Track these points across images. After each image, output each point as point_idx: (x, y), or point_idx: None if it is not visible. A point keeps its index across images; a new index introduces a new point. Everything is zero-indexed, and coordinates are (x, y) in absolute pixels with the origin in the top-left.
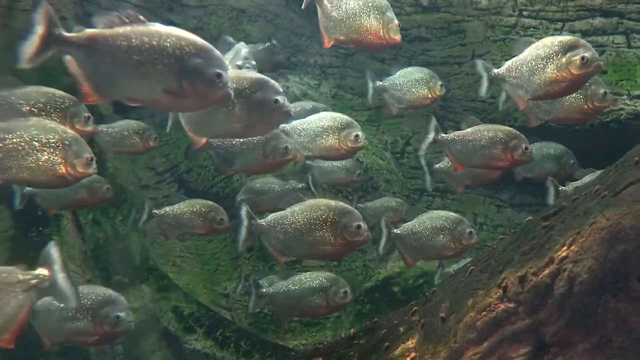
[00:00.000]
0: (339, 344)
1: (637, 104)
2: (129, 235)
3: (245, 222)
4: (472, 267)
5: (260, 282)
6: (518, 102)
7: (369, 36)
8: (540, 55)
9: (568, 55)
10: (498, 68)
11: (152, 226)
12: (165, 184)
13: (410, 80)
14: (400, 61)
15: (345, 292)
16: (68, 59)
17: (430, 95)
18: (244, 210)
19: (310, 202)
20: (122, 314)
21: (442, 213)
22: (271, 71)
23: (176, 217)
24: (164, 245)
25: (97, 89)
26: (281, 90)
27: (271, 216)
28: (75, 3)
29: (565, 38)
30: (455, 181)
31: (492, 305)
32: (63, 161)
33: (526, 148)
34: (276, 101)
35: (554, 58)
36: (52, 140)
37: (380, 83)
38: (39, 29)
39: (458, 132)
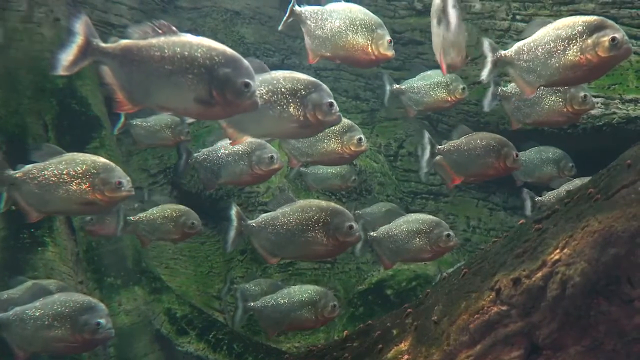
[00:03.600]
0: (332, 346)
1: (629, 108)
2: (121, 237)
3: (234, 223)
4: (465, 270)
5: (248, 286)
6: (526, 89)
7: (356, 53)
8: (560, 36)
9: (595, 36)
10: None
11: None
12: (158, 185)
13: (429, 84)
14: (394, 64)
15: (334, 305)
16: (104, 68)
17: (449, 99)
18: (233, 211)
19: (302, 202)
20: (102, 321)
21: (420, 216)
22: None
23: (149, 223)
24: (156, 247)
25: (131, 97)
26: (331, 94)
27: (262, 217)
28: (69, 4)
29: (590, 17)
30: (447, 175)
31: (485, 308)
32: (90, 189)
33: (516, 155)
34: (331, 104)
35: (578, 39)
36: (80, 171)
37: (397, 86)
38: (79, 39)
39: (452, 142)
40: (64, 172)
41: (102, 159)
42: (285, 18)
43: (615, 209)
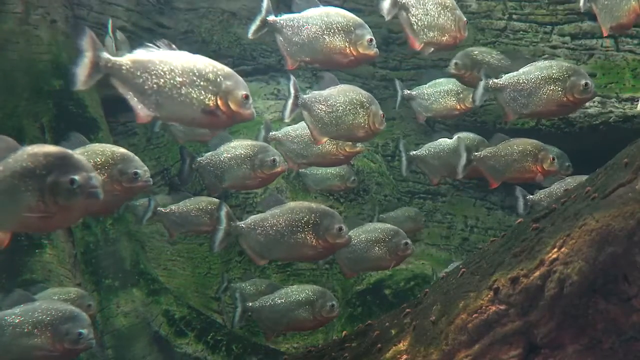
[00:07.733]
0: (331, 347)
1: (625, 107)
2: (119, 239)
3: (223, 223)
4: (463, 270)
5: (244, 286)
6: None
7: (335, 56)
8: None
9: None
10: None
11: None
12: (155, 187)
13: (439, 91)
14: (390, 64)
15: (333, 305)
16: (115, 81)
17: (459, 107)
18: (223, 211)
19: (291, 204)
20: (84, 331)
21: (378, 225)
22: None
23: (182, 215)
24: (154, 249)
25: (143, 109)
26: None
27: (251, 218)
28: (66, 6)
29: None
30: (431, 171)
31: (483, 307)
32: (109, 179)
33: (553, 158)
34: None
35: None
36: (99, 162)
37: (408, 92)
38: (88, 55)
39: (489, 149)
40: None
41: (121, 150)
42: (255, 28)
43: (612, 208)
